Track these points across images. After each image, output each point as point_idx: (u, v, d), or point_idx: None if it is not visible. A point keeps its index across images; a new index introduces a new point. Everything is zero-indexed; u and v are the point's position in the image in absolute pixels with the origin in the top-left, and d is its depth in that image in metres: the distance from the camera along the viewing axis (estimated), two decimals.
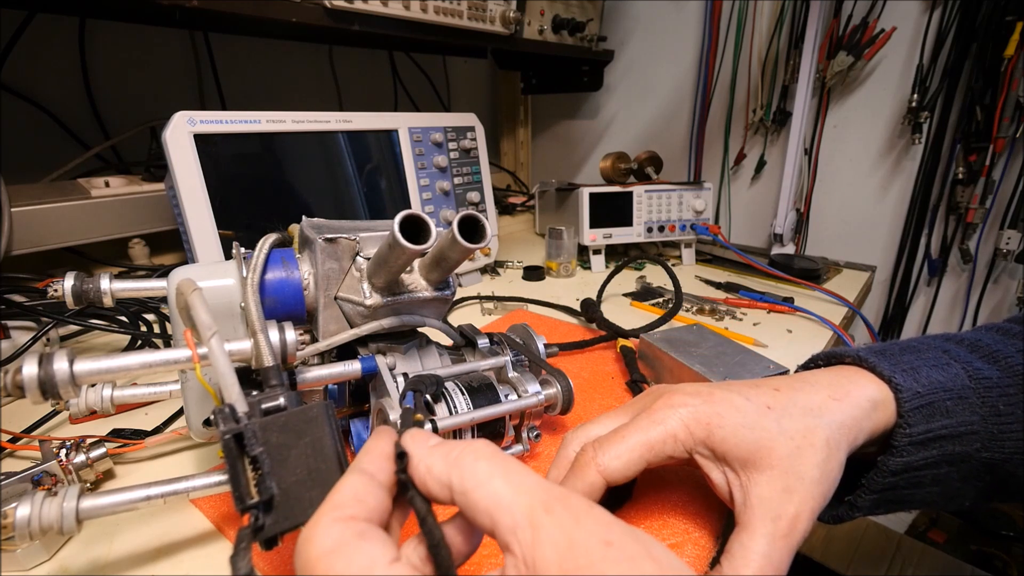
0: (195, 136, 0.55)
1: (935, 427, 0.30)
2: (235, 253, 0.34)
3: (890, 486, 0.31)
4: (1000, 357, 0.32)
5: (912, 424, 0.30)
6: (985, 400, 0.30)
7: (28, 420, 0.44)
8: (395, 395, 0.34)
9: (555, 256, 0.87)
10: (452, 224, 0.31)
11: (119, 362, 0.26)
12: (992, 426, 0.30)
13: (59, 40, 0.77)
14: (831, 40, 1.01)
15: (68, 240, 0.67)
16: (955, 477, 0.31)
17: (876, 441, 0.31)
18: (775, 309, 0.73)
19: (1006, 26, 0.86)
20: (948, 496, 0.32)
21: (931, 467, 0.30)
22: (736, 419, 0.29)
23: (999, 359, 0.32)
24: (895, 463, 0.30)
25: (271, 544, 0.23)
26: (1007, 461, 0.30)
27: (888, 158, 1.05)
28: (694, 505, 0.36)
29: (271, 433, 0.23)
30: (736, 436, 0.29)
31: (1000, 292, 1.01)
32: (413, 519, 0.22)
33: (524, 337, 0.45)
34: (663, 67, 1.27)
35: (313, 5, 0.65)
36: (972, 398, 0.30)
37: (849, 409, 0.30)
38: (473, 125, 0.80)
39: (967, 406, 0.30)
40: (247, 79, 0.98)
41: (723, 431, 0.29)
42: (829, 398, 0.31)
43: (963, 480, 0.31)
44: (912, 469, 0.30)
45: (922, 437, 0.30)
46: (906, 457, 0.30)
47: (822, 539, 1.11)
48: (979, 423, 0.30)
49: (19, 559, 0.30)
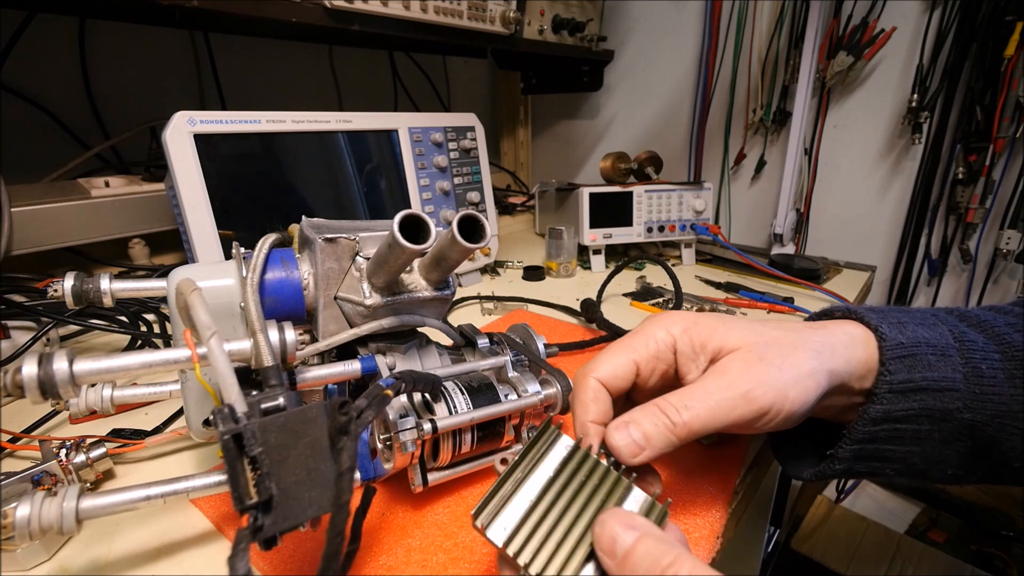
0: (195, 136, 0.55)
1: (916, 378, 0.30)
2: (235, 253, 0.34)
3: (871, 436, 0.31)
4: (987, 327, 0.33)
5: (893, 372, 0.30)
6: (968, 360, 0.31)
7: (28, 420, 0.44)
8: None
9: (555, 256, 0.87)
10: (452, 224, 0.31)
11: (119, 362, 0.26)
12: (974, 386, 0.30)
13: (59, 40, 0.77)
14: (831, 40, 1.01)
15: (68, 240, 0.67)
16: (936, 437, 0.31)
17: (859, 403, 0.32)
18: (775, 309, 0.73)
19: (1006, 26, 0.86)
20: (931, 459, 0.32)
21: (911, 420, 0.31)
22: (715, 320, 0.33)
23: (985, 328, 0.33)
24: (876, 410, 0.31)
25: (270, 544, 0.23)
26: (988, 424, 0.30)
27: (888, 158, 1.05)
28: (695, 506, 0.36)
29: (270, 433, 0.23)
30: (713, 329, 0.32)
31: (1000, 292, 1.01)
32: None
33: (524, 337, 0.45)
34: (663, 67, 1.27)
35: (313, 5, 0.65)
36: (956, 357, 0.31)
37: (826, 335, 0.32)
38: (473, 125, 0.80)
39: (950, 363, 0.31)
40: (247, 79, 0.98)
41: (700, 327, 0.32)
42: (807, 327, 0.33)
43: (944, 442, 0.31)
44: (892, 419, 0.31)
45: (902, 387, 0.30)
46: (886, 405, 0.30)
47: (822, 539, 1.11)
48: (961, 381, 0.30)
49: (19, 559, 0.30)
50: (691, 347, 0.32)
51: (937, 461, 0.32)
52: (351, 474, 0.22)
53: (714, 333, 0.32)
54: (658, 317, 0.34)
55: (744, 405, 0.29)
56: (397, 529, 0.34)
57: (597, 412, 0.31)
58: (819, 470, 0.33)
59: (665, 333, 0.32)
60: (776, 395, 0.29)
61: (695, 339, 0.32)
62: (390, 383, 0.30)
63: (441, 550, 0.32)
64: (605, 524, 0.24)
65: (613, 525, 0.23)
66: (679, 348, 0.32)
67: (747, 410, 0.29)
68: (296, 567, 0.31)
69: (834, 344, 0.31)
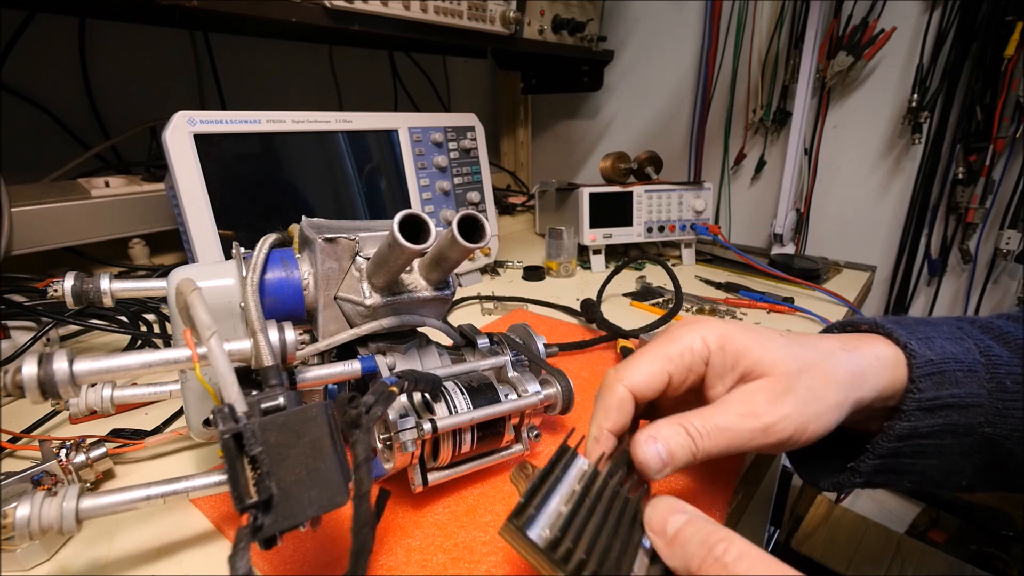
0: (195, 136, 0.55)
1: (943, 395, 0.30)
2: (235, 253, 0.34)
3: (894, 452, 0.31)
4: (1010, 339, 0.33)
5: (922, 389, 0.30)
6: (993, 376, 0.31)
7: (28, 420, 0.44)
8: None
9: (555, 256, 0.87)
10: (452, 224, 0.31)
11: (119, 362, 0.26)
12: (997, 401, 0.31)
13: (59, 40, 0.77)
14: (831, 40, 1.01)
15: (68, 240, 0.67)
16: (956, 450, 0.31)
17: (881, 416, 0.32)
18: (775, 309, 0.73)
19: (1006, 26, 0.86)
20: (947, 471, 0.32)
21: (935, 436, 0.31)
22: (750, 336, 0.32)
23: (1009, 341, 0.33)
24: (902, 427, 0.31)
25: (270, 544, 0.23)
26: (1007, 438, 0.31)
27: (888, 158, 1.05)
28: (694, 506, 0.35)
29: (270, 433, 0.23)
30: (748, 348, 0.31)
31: (1000, 292, 1.01)
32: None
33: (524, 337, 0.45)
34: (663, 67, 1.27)
35: (313, 5, 0.65)
36: (981, 372, 0.31)
37: (858, 359, 0.31)
38: (473, 125, 0.80)
39: (976, 380, 0.31)
40: (247, 79, 0.98)
41: (735, 344, 0.31)
42: (840, 348, 0.32)
43: (963, 454, 0.32)
44: (917, 436, 0.31)
45: (930, 403, 0.30)
46: (913, 422, 0.30)
47: (822, 539, 1.11)
48: (985, 397, 0.31)
49: (19, 559, 0.30)
50: (723, 364, 0.32)
51: (954, 472, 0.32)
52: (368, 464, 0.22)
53: (748, 353, 0.31)
54: (694, 326, 0.33)
55: (762, 437, 0.29)
56: (397, 529, 0.33)
57: (616, 420, 0.31)
58: (838, 481, 0.33)
59: (702, 346, 0.32)
60: (796, 429, 0.29)
61: (729, 357, 0.31)
62: (394, 381, 0.30)
63: (441, 550, 0.32)
64: (657, 506, 0.25)
65: (664, 508, 0.25)
66: (712, 362, 0.32)
67: (764, 442, 0.29)
68: (296, 567, 0.31)
69: (865, 371, 0.31)
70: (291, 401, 0.25)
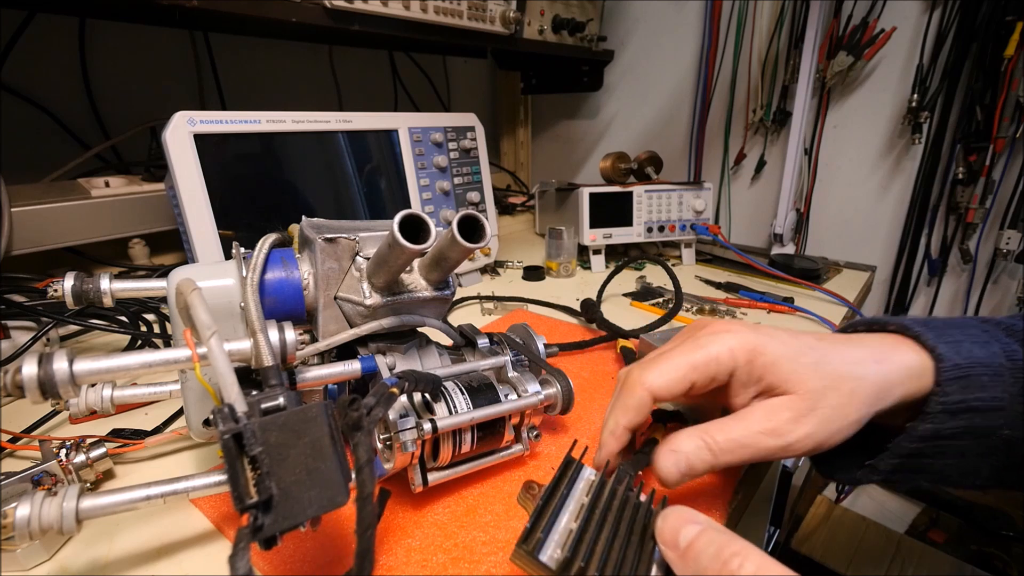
0: (195, 136, 0.55)
1: (969, 398, 0.30)
2: (235, 253, 0.34)
3: (915, 452, 0.31)
4: None
5: (949, 393, 0.30)
6: (1017, 379, 0.31)
7: (28, 420, 0.44)
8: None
9: (555, 256, 0.87)
10: (452, 224, 0.31)
11: (119, 362, 0.26)
12: (1019, 405, 0.31)
13: (59, 40, 0.77)
14: (831, 40, 1.01)
15: (68, 240, 0.67)
16: (975, 452, 0.31)
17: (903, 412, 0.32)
18: (775, 309, 0.73)
19: (1006, 26, 0.86)
20: (964, 471, 0.32)
21: (956, 437, 0.31)
22: (779, 349, 0.31)
23: None
24: (925, 428, 0.31)
25: (270, 544, 0.23)
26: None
27: (888, 158, 1.05)
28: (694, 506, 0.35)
29: (270, 433, 0.23)
30: (776, 364, 0.30)
31: (1000, 292, 1.01)
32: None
33: (524, 337, 0.45)
34: (663, 67, 1.27)
35: (313, 5, 0.65)
36: (1006, 376, 0.31)
37: (887, 372, 0.31)
38: (473, 125, 0.80)
39: (1000, 384, 0.31)
40: (247, 79, 0.98)
41: (764, 357, 0.31)
42: (871, 359, 0.32)
43: (981, 456, 0.32)
44: (939, 437, 0.31)
45: (955, 407, 0.30)
46: (936, 424, 0.30)
47: (822, 539, 1.11)
48: (1008, 401, 0.31)
49: (19, 559, 0.30)
50: (749, 376, 0.31)
51: (970, 472, 0.32)
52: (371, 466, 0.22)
53: (776, 371, 0.31)
54: (723, 336, 0.32)
55: (781, 453, 0.29)
56: (397, 529, 0.33)
57: (633, 419, 0.31)
58: (855, 477, 0.33)
59: (729, 357, 0.31)
60: (816, 445, 0.29)
61: (756, 370, 0.31)
62: (394, 382, 0.30)
63: (441, 550, 0.32)
64: (668, 518, 0.24)
65: (675, 519, 0.24)
66: (736, 374, 0.32)
67: (783, 455, 0.29)
68: (296, 567, 0.31)
69: (892, 383, 0.31)
70: (291, 401, 0.25)
